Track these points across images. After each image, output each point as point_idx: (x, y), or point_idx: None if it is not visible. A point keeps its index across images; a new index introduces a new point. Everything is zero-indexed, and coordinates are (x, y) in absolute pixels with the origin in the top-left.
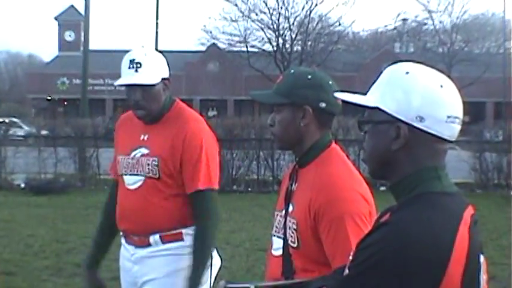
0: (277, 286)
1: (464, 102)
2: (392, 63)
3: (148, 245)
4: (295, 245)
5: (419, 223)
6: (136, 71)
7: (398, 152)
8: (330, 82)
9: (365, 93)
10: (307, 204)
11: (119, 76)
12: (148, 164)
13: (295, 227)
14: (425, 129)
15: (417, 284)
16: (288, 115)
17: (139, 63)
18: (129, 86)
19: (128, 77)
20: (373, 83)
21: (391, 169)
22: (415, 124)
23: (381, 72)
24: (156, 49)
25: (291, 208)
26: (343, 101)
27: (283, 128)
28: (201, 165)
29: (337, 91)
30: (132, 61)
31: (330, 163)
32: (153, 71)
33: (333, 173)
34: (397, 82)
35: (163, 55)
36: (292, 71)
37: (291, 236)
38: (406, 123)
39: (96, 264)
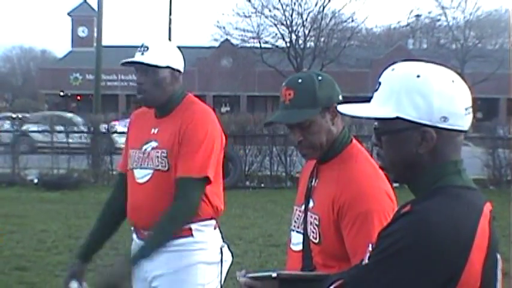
0: (300, 276)
1: (477, 99)
2: (386, 68)
3: None
4: (316, 241)
5: (441, 213)
6: (142, 54)
7: (424, 154)
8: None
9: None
10: (331, 200)
11: (132, 72)
12: (157, 157)
13: (317, 222)
14: (450, 127)
15: (439, 271)
16: (321, 122)
17: (147, 47)
18: (136, 71)
19: (133, 58)
20: (375, 91)
21: (417, 170)
22: (441, 125)
23: (380, 80)
24: None
25: (311, 204)
26: (354, 116)
27: (320, 137)
28: (197, 154)
29: (340, 102)
30: (141, 46)
31: (354, 160)
32: (159, 55)
33: (358, 169)
34: (411, 88)
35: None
36: (299, 80)
37: (313, 232)
38: (431, 126)
39: (89, 257)
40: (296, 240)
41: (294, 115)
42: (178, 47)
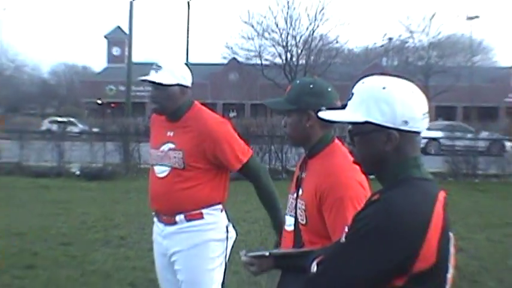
0: (288, 253)
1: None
2: (358, 81)
3: (175, 222)
4: (303, 222)
5: (403, 199)
6: (156, 72)
7: (389, 151)
8: (329, 89)
9: None
10: (314, 188)
11: None
12: (174, 157)
13: (303, 207)
14: (410, 129)
15: (402, 248)
16: (296, 118)
17: (160, 67)
18: (151, 84)
19: (148, 76)
20: (349, 99)
21: (383, 165)
22: (402, 127)
23: (353, 91)
24: (187, 61)
25: (300, 192)
26: (332, 121)
27: (293, 129)
28: (234, 148)
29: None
30: (155, 64)
31: (334, 155)
32: (170, 75)
33: (335, 163)
34: (378, 97)
35: (192, 67)
36: (298, 81)
37: (301, 215)
38: (395, 129)
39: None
40: (289, 222)
41: (277, 103)
42: (194, 64)
